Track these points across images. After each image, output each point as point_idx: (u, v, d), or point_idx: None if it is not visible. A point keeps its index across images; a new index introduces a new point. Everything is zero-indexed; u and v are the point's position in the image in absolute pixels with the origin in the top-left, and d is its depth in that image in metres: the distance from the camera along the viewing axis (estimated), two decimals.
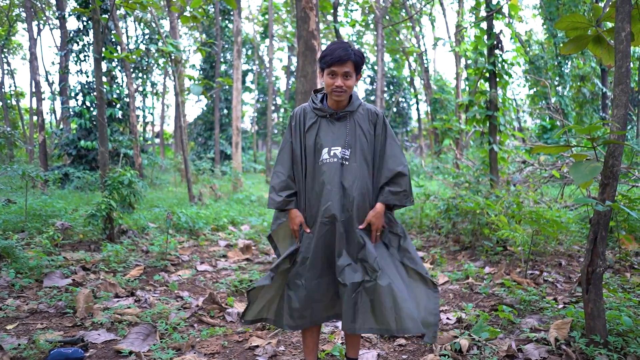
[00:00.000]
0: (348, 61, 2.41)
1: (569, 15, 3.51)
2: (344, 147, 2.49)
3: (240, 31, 12.70)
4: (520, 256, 5.30)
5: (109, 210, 5.89)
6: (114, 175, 6.12)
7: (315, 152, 2.52)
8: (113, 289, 4.11)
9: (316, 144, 2.52)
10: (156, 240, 5.85)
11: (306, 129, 2.56)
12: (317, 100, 2.59)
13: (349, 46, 2.45)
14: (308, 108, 2.61)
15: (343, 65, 2.41)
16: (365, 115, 2.58)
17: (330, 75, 2.44)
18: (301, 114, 2.61)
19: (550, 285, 4.39)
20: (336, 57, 2.39)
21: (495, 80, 7.28)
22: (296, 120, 2.60)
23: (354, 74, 2.47)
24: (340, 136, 2.51)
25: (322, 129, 2.54)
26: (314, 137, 2.53)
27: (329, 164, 2.48)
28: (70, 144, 11.89)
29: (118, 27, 11.69)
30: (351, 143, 2.51)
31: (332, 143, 2.51)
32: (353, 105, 2.56)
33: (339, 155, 2.48)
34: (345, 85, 2.44)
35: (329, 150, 2.50)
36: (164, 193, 10.65)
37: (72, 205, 8.16)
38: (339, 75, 2.43)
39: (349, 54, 2.40)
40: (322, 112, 2.55)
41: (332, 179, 2.45)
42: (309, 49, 5.65)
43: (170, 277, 4.61)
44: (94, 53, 6.41)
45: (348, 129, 2.53)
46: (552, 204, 8.33)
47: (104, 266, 4.88)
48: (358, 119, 2.56)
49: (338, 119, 2.54)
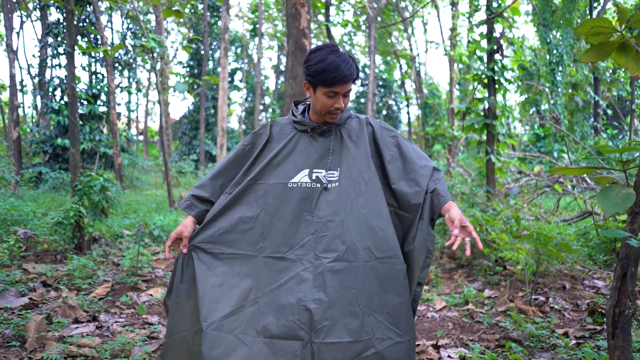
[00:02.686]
0: (352, 79, 1.96)
1: (591, 19, 3.13)
2: (331, 169, 2.04)
3: (228, 28, 12.24)
4: (520, 277, 4.94)
5: (78, 218, 5.41)
6: (85, 179, 5.64)
7: (285, 171, 2.07)
8: (72, 312, 3.64)
9: (289, 163, 2.07)
10: (128, 252, 5.38)
11: (284, 143, 2.11)
12: (297, 113, 2.14)
13: (351, 59, 1.96)
14: (283, 122, 2.18)
15: (347, 85, 1.95)
16: (358, 128, 2.13)
17: (329, 95, 1.97)
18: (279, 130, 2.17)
19: (557, 313, 4.02)
20: (343, 76, 1.91)
21: (495, 87, 6.93)
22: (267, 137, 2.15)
23: (352, 88, 2.04)
24: (326, 155, 2.06)
25: (299, 147, 2.09)
26: (288, 157, 2.08)
27: (306, 189, 2.02)
28: (46, 141, 11.32)
29: (99, 20, 11.16)
30: (337, 163, 2.05)
31: (314, 163, 2.06)
32: (340, 117, 2.10)
33: (324, 178, 2.03)
34: (344, 104, 2.01)
35: (310, 172, 2.05)
36: (143, 196, 10.15)
37: (43, 208, 7.65)
38: (340, 95, 1.97)
39: (353, 71, 1.94)
40: (303, 126, 2.10)
41: (306, 208, 2.01)
42: (299, 49, 5.23)
43: (139, 298, 4.16)
44: (66, 46, 5.92)
45: (332, 146, 2.07)
46: (549, 216, 8.02)
47: (67, 282, 4.41)
48: (348, 134, 2.11)
49: (322, 133, 2.09)
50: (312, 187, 2.01)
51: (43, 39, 13.40)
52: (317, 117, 2.09)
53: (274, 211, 2.01)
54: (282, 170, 2.05)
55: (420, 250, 1.99)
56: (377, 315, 1.87)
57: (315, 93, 2.00)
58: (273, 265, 1.94)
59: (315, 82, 1.97)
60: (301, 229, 1.97)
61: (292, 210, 1.99)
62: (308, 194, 2.01)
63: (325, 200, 2.00)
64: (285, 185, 2.03)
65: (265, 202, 2.03)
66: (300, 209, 1.99)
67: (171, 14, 6.20)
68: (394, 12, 19.73)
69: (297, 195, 2.00)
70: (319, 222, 1.97)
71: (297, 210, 1.99)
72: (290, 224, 1.98)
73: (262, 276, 1.94)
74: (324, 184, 2.01)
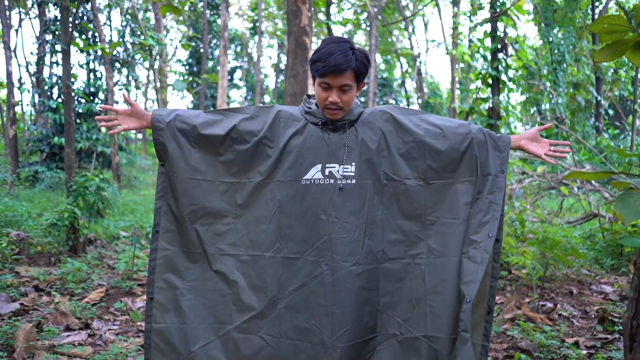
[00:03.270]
0: (347, 71, 1.81)
1: (605, 17, 3.00)
2: (346, 163, 1.91)
3: (227, 26, 12.11)
4: (526, 282, 4.81)
5: (73, 219, 5.28)
6: (80, 179, 5.51)
7: (297, 167, 1.93)
8: (64, 319, 3.51)
9: (301, 158, 1.93)
10: (124, 254, 5.25)
11: (291, 135, 1.96)
12: (310, 105, 2.00)
13: (349, 48, 1.82)
14: (291, 111, 2.02)
15: (340, 76, 1.81)
16: (374, 121, 1.98)
17: (323, 87, 1.85)
18: (288, 117, 2.00)
19: (566, 321, 3.89)
20: (331, 65, 1.78)
21: (498, 87, 6.80)
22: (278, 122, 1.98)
23: (355, 84, 1.87)
24: (340, 149, 1.93)
25: (310, 139, 1.95)
26: (299, 152, 1.94)
27: (319, 186, 1.91)
28: (43, 139, 11.18)
29: (97, 17, 11.02)
30: (352, 158, 1.92)
31: (326, 158, 1.92)
32: (352, 113, 1.96)
33: (338, 173, 1.91)
34: (342, 100, 1.86)
35: (323, 167, 1.91)
36: (141, 196, 10.01)
37: (38, 208, 7.51)
38: (334, 88, 1.84)
39: (348, 60, 1.80)
40: (315, 118, 1.96)
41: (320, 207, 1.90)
42: (300, 47, 5.10)
43: (134, 303, 4.02)
44: (61, 43, 5.79)
45: (347, 141, 1.93)
46: (552, 218, 7.90)
47: (60, 286, 4.28)
48: (362, 130, 1.97)
49: (334, 129, 1.95)
50: (326, 184, 1.91)
51: (41, 36, 13.25)
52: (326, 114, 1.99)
53: (289, 210, 1.93)
54: (293, 166, 1.94)
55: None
56: (390, 311, 1.93)
57: (314, 84, 1.91)
58: (291, 266, 1.91)
59: (311, 71, 1.90)
60: (316, 229, 1.90)
61: (306, 209, 1.91)
62: (322, 191, 1.91)
63: (341, 198, 1.90)
64: (298, 183, 1.93)
65: (279, 201, 1.94)
66: (314, 207, 1.91)
67: (170, 10, 6.06)
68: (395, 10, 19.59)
69: (311, 193, 1.91)
70: (334, 222, 1.89)
71: (311, 209, 1.91)
72: (306, 223, 1.91)
73: (281, 277, 1.92)
74: (339, 180, 1.91)
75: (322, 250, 1.88)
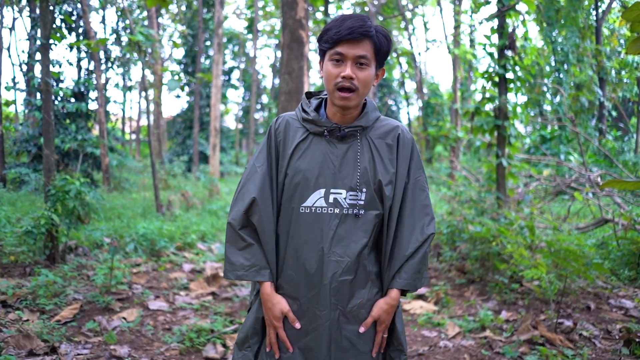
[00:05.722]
0: (365, 40, 1.45)
1: None
2: (353, 189, 1.54)
3: (221, 23, 11.73)
4: (539, 295, 4.44)
5: (51, 227, 4.89)
6: (60, 183, 5.12)
7: (297, 191, 1.56)
8: (28, 342, 3.12)
9: (303, 179, 1.55)
10: (106, 264, 4.86)
11: (292, 149, 1.58)
12: (309, 109, 1.60)
13: (367, 18, 1.46)
14: (293, 119, 1.63)
15: (357, 44, 1.44)
16: (384, 134, 1.60)
17: (335, 60, 1.48)
18: (284, 128, 1.61)
19: (587, 342, 3.52)
20: (346, 28, 1.42)
21: (506, 86, 6.43)
22: (277, 138, 1.61)
23: (373, 62, 1.49)
24: (347, 168, 1.54)
25: (315, 155, 1.56)
26: (300, 167, 1.56)
27: (322, 215, 1.53)
28: (30, 140, 10.76)
29: (87, 13, 10.62)
30: (363, 182, 1.54)
31: (332, 180, 1.54)
32: (367, 117, 1.58)
33: (344, 202, 1.53)
34: (358, 78, 1.47)
35: (327, 192, 1.54)
36: (130, 200, 9.60)
37: (20, 212, 7.11)
38: (348, 60, 1.46)
39: (368, 27, 1.43)
40: (317, 127, 1.57)
41: (323, 240, 1.52)
42: (296, 41, 4.73)
43: (110, 322, 3.64)
44: (40, 38, 5.40)
45: (359, 156, 1.55)
46: (561, 223, 7.53)
47: (31, 301, 3.89)
48: (375, 142, 1.58)
49: (343, 138, 1.56)
50: (330, 214, 1.54)
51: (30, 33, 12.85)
52: (335, 112, 1.58)
53: (284, 244, 1.58)
54: (291, 189, 1.58)
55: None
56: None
57: (323, 66, 1.53)
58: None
59: (321, 47, 1.51)
60: (317, 269, 1.53)
61: (305, 243, 1.54)
62: (324, 222, 1.53)
63: (347, 231, 1.53)
64: (297, 210, 1.55)
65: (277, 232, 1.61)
66: (314, 242, 1.53)
67: (156, 3, 5.67)
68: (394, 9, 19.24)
69: (310, 224, 1.54)
70: (338, 261, 1.52)
71: (310, 243, 1.53)
72: (304, 261, 1.54)
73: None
74: (345, 209, 1.54)
75: (323, 298, 1.53)
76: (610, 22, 17.18)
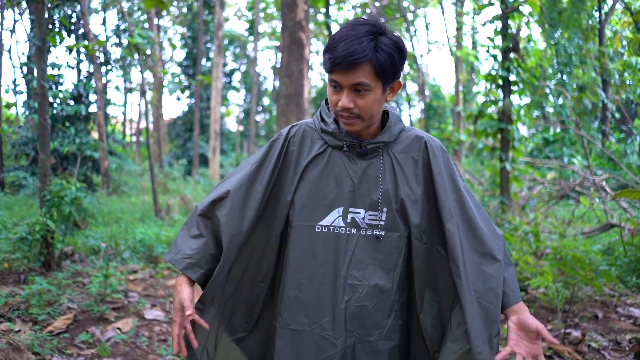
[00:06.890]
0: (361, 64, 1.27)
1: None
2: (373, 209, 1.41)
3: (221, 25, 11.64)
4: (545, 303, 4.33)
5: (46, 233, 4.79)
6: (55, 188, 5.03)
7: (313, 208, 1.43)
8: (18, 356, 3.02)
9: (319, 196, 1.42)
10: (102, 271, 4.76)
11: (307, 162, 1.45)
12: (329, 119, 1.45)
13: (368, 33, 1.28)
14: (312, 129, 1.49)
15: (351, 72, 1.28)
16: (408, 147, 1.46)
17: (333, 87, 1.34)
18: (301, 137, 1.48)
19: (596, 354, 3.41)
20: (338, 56, 1.27)
21: (509, 88, 6.33)
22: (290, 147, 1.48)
23: (377, 84, 1.32)
24: (366, 186, 1.41)
25: (333, 170, 1.43)
26: (317, 182, 1.43)
27: (339, 235, 1.41)
28: (28, 143, 10.67)
29: (86, 15, 10.54)
30: (384, 201, 1.41)
31: (350, 199, 1.41)
32: (390, 132, 1.43)
33: (362, 222, 1.41)
34: (357, 105, 1.32)
35: (345, 211, 1.42)
36: (129, 204, 9.50)
37: (17, 217, 7.01)
38: (344, 88, 1.32)
39: (363, 50, 1.25)
40: (337, 140, 1.43)
41: (339, 262, 1.40)
42: (295, 43, 4.63)
43: (104, 333, 3.53)
44: (35, 39, 5.31)
45: (381, 174, 1.42)
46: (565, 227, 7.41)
47: (24, 311, 3.79)
48: (398, 157, 1.44)
49: (363, 155, 1.43)
50: (347, 234, 1.41)
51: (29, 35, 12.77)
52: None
53: (297, 265, 1.44)
54: (306, 206, 1.44)
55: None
56: None
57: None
58: (295, 342, 1.43)
59: (324, 67, 1.37)
60: (330, 293, 1.40)
61: (319, 265, 1.41)
62: (341, 243, 1.41)
63: (365, 254, 1.41)
64: (312, 230, 1.43)
65: (287, 253, 1.48)
66: (330, 263, 1.41)
67: (154, 4, 5.58)
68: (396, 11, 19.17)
69: (326, 244, 1.41)
70: (355, 285, 1.39)
71: (325, 265, 1.41)
72: (318, 284, 1.41)
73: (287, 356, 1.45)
74: (364, 229, 1.41)
75: (338, 323, 1.40)
76: (613, 23, 17.07)
